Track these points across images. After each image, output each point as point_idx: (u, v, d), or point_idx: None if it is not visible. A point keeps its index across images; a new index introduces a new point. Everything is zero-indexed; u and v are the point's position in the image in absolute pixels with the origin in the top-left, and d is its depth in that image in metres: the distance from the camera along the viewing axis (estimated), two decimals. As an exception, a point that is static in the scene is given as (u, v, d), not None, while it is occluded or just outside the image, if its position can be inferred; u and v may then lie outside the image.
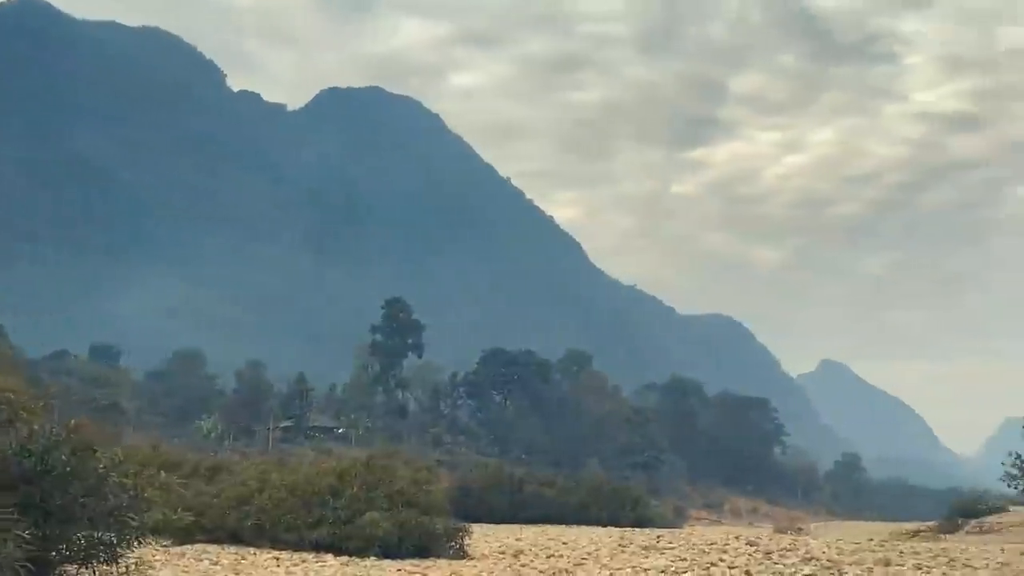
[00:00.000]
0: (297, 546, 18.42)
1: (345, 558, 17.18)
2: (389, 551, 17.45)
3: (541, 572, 12.51)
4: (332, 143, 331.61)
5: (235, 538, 19.79)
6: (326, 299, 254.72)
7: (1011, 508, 33.16)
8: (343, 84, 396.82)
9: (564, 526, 29.08)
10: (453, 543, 16.10)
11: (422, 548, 16.03)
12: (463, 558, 14.33)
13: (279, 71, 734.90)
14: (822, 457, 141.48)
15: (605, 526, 26.12)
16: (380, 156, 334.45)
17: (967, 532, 29.85)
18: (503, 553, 14.64)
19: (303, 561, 16.67)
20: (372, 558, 17.03)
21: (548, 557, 13.38)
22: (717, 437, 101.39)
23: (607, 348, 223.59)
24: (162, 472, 13.19)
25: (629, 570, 10.92)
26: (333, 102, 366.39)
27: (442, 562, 13.55)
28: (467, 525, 16.47)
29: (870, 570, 10.50)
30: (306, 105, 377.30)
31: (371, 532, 17.73)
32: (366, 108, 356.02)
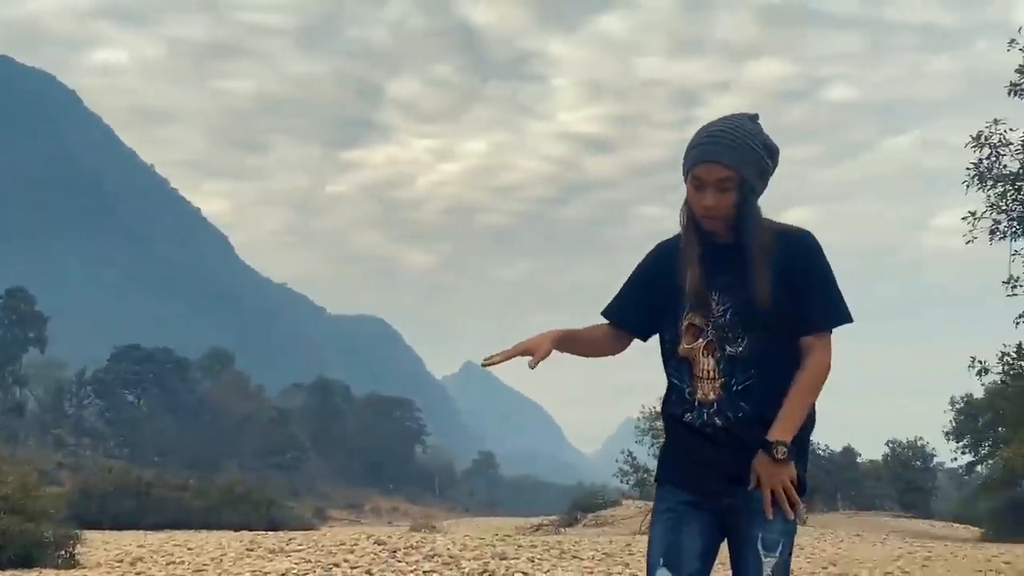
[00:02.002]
0: None
1: (-68, 573, 15.41)
2: (-13, 563, 15.89)
3: (158, 581, 11.88)
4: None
5: None
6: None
7: (623, 502, 35.76)
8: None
9: (195, 531, 27.80)
10: (62, 552, 14.91)
11: (25, 558, 14.66)
12: (73, 567, 13.28)
13: None
14: (462, 456, 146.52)
15: (238, 530, 25.27)
16: (5, 130, 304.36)
17: (584, 525, 31.93)
18: (120, 561, 13.72)
19: None
20: (-34, 572, 15.43)
21: (168, 564, 12.69)
22: (362, 437, 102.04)
23: (254, 347, 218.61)
24: None
25: (249, 574, 10.59)
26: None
27: (48, 572, 12.47)
28: (81, 532, 15.27)
29: (487, 564, 10.89)
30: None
31: (-35, 543, 16.04)
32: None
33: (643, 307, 2.79)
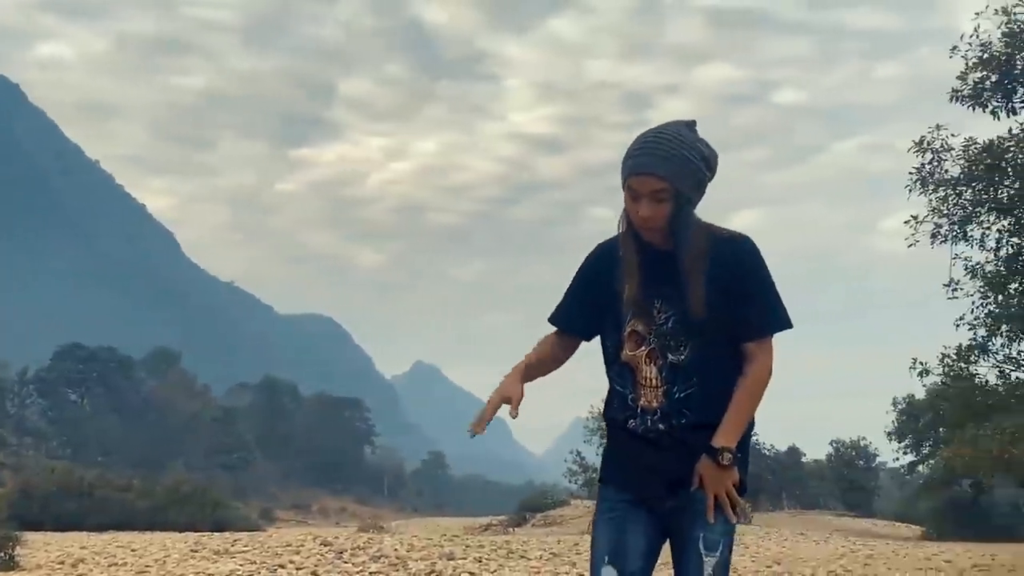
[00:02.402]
0: None
1: None
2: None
3: (100, 582, 11.70)
4: None
5: None
6: None
7: (572, 502, 35.87)
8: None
9: (139, 532, 27.45)
10: (1, 553, 14.64)
11: (-37, 561, 14.41)
12: (11, 569, 13.04)
13: None
14: (411, 456, 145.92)
15: (183, 531, 24.99)
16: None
17: (533, 525, 31.97)
18: (62, 563, 13.50)
19: None
20: None
21: (110, 566, 12.51)
22: (310, 437, 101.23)
23: (201, 346, 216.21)
24: None
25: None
26: None
27: (-14, 575, 12.26)
28: (21, 534, 15.02)
29: (434, 564, 10.88)
30: None
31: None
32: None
33: (587, 310, 2.80)
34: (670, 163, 2.57)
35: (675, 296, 2.62)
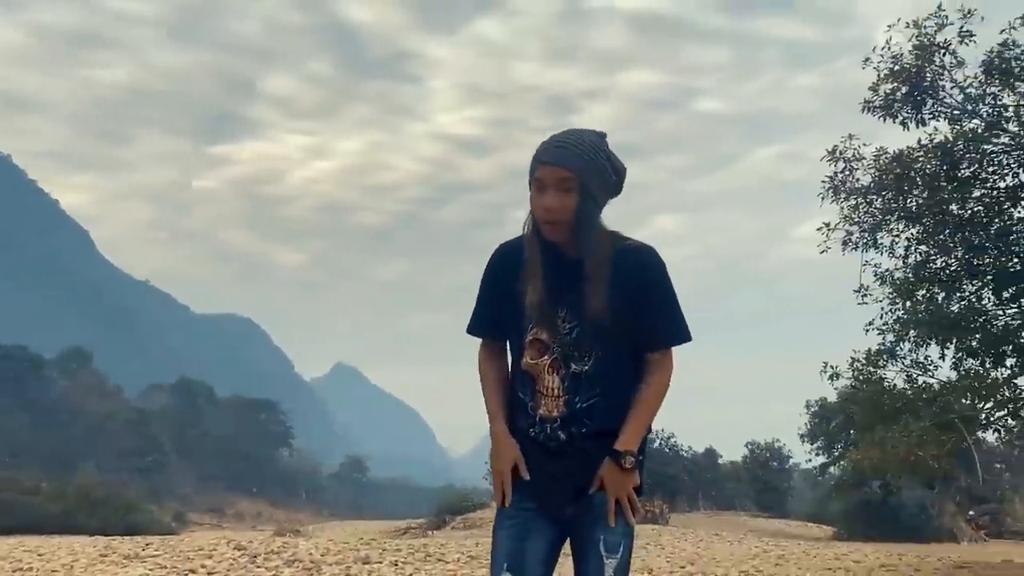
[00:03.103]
0: None
1: None
2: None
3: (3, 589, 11.37)
4: None
5: None
6: None
7: (492, 504, 35.79)
8: None
9: (48, 536, 26.68)
10: (-101, 561, 14.12)
11: None
12: (-95, 578, 12.59)
13: None
14: (331, 459, 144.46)
15: (94, 535, 24.34)
16: None
17: (452, 527, 31.87)
18: (-37, 569, 13.10)
19: None
20: None
21: (15, 571, 12.17)
22: (226, 440, 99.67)
23: (115, 346, 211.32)
24: None
25: (102, 581, 10.23)
26: None
27: None
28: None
29: (349, 568, 10.79)
30: None
31: None
32: None
33: (500, 313, 2.78)
34: (579, 159, 2.58)
35: (579, 305, 2.62)
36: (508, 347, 2.79)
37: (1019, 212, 12.91)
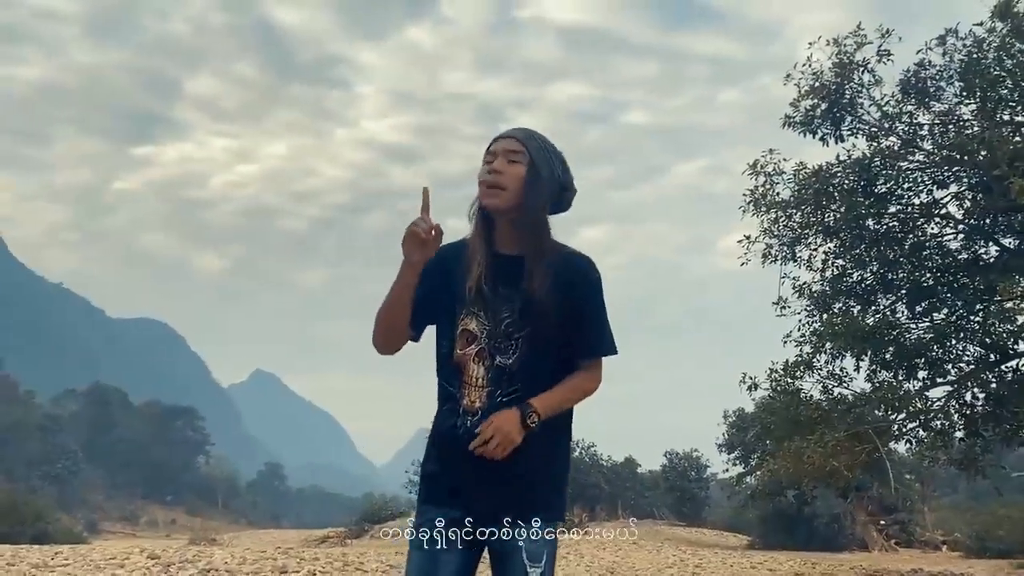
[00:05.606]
0: None
1: None
2: None
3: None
4: None
5: None
6: None
7: (412, 513, 35.58)
8: None
9: (-50, 546, 25.78)
10: None
11: None
12: None
13: None
14: (248, 466, 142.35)
15: (1, 544, 23.60)
16: None
17: (372, 536, 31.63)
18: None
19: None
20: None
21: (-86, 584, 11.76)
22: (140, 447, 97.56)
23: (26, 350, 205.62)
24: None
25: (7, 592, 9.90)
26: None
27: None
28: None
29: (266, 578, 10.61)
30: None
31: None
32: None
33: (419, 306, 2.70)
34: (532, 139, 2.66)
35: (513, 298, 2.62)
36: (437, 347, 2.75)
37: (932, 228, 13.27)
